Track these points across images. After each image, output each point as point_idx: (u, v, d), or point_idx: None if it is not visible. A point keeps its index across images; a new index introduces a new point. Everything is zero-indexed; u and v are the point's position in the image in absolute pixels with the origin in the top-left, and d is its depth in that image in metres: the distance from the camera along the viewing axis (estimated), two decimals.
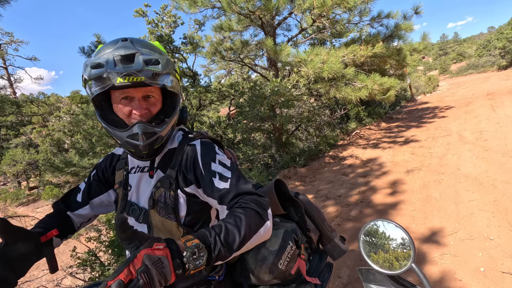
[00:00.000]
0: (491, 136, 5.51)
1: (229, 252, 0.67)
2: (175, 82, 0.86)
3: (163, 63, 0.79)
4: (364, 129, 8.59)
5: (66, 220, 1.00)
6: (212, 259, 0.64)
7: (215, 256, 0.64)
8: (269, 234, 0.79)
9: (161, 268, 0.55)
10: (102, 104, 0.88)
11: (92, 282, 2.62)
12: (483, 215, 2.93)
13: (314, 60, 5.54)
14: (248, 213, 0.73)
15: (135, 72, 0.75)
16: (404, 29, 6.76)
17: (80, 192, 1.05)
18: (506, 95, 9.81)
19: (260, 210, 0.75)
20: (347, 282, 2.38)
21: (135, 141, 0.82)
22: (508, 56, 23.08)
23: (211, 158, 0.87)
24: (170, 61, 0.84)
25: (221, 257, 0.66)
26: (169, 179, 0.88)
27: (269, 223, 0.77)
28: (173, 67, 0.84)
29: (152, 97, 0.85)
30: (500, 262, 2.24)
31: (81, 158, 6.55)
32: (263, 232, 0.75)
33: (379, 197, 3.92)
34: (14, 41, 19.41)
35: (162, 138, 0.87)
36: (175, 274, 0.58)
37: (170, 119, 0.87)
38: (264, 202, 0.78)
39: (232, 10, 5.82)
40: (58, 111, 14.22)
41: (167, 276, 0.56)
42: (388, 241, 0.92)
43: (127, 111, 0.84)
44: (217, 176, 0.83)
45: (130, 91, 0.82)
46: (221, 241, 0.66)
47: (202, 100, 7.57)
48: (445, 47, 52.93)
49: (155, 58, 0.78)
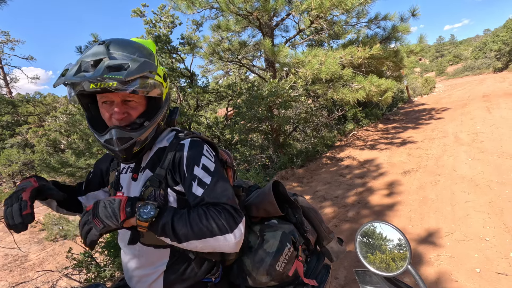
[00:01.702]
0: (487, 137, 5.56)
1: (173, 235, 0.75)
2: (154, 85, 0.82)
3: (132, 68, 0.74)
4: (361, 130, 8.62)
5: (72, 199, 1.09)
6: (159, 225, 0.75)
7: (161, 224, 0.75)
8: (228, 249, 0.79)
9: (112, 204, 0.73)
10: (89, 107, 0.90)
11: (88, 283, 2.60)
12: (479, 216, 2.95)
13: (312, 61, 5.55)
14: (210, 219, 0.77)
15: (98, 79, 0.72)
16: (401, 31, 6.80)
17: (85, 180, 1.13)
18: (502, 97, 9.89)
19: (224, 222, 0.77)
20: (344, 284, 2.39)
21: (111, 146, 0.82)
22: (504, 58, 23.31)
23: (195, 161, 0.86)
24: (148, 63, 0.79)
25: (165, 231, 0.75)
26: (159, 178, 0.87)
27: (223, 239, 0.77)
28: (151, 70, 0.80)
29: (133, 101, 0.84)
30: (495, 263, 2.26)
31: (78, 159, 6.51)
32: (214, 243, 0.77)
33: (376, 198, 3.94)
34: (10, 40, 19.27)
35: (141, 142, 0.85)
36: (125, 213, 0.73)
37: (150, 123, 0.85)
38: (234, 217, 0.79)
39: (230, 11, 5.82)
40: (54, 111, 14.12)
41: (116, 210, 0.72)
42: (385, 242, 0.93)
43: (107, 116, 0.84)
44: (197, 180, 0.83)
45: (108, 96, 0.82)
46: (172, 219, 0.76)
47: (199, 101, 7.56)
48: (442, 49, 53.31)
49: (122, 63, 0.75)
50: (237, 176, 1.24)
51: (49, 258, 4.90)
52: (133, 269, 0.92)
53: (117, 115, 0.82)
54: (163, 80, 0.86)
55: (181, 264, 0.90)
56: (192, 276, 0.90)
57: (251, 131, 6.27)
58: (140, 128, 0.84)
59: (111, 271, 2.65)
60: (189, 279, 0.90)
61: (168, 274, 0.90)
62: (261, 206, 1.08)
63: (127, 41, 0.85)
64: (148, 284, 0.90)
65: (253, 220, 1.11)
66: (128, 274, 0.95)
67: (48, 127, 12.23)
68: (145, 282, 0.91)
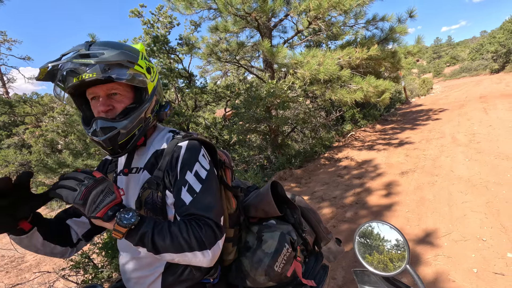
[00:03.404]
0: (483, 138, 5.59)
1: (152, 245, 0.74)
2: (133, 75, 0.83)
3: (106, 55, 0.77)
4: (359, 131, 8.64)
5: (59, 225, 0.95)
6: (138, 233, 0.73)
7: (141, 233, 0.73)
8: (203, 264, 0.79)
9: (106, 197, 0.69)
10: (84, 108, 0.91)
11: (85, 284, 2.59)
12: (476, 217, 2.96)
13: (310, 62, 5.57)
14: (190, 233, 0.76)
15: (67, 63, 0.75)
16: (398, 32, 6.83)
17: None
18: (499, 98, 9.96)
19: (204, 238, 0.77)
20: (342, 284, 2.39)
21: (96, 137, 0.82)
22: (500, 59, 23.48)
23: (189, 166, 0.86)
24: (126, 53, 0.81)
25: (144, 241, 0.73)
26: (157, 180, 0.87)
27: (201, 255, 0.77)
28: (128, 59, 0.81)
29: (118, 94, 0.85)
30: (492, 263, 2.27)
31: (75, 159, 6.48)
32: (191, 257, 0.77)
33: (374, 198, 3.95)
34: (7, 40, 19.17)
35: (126, 133, 0.84)
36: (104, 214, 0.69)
37: (134, 114, 0.85)
38: (215, 233, 0.79)
39: (228, 12, 5.82)
40: (51, 112, 14.05)
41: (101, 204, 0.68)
42: (383, 242, 0.93)
43: (95, 111, 0.85)
44: (187, 186, 0.83)
45: (94, 91, 0.84)
46: (153, 229, 0.74)
47: (198, 101, 7.56)
48: (439, 50, 53.65)
49: (96, 52, 0.77)
50: (235, 177, 1.24)
51: (46, 260, 4.87)
52: (131, 270, 0.92)
53: (102, 107, 0.83)
54: (145, 72, 0.86)
55: (180, 266, 0.90)
56: (191, 277, 0.90)
57: (249, 131, 6.27)
58: (124, 119, 0.84)
59: (109, 272, 2.64)
60: (188, 280, 0.90)
61: (166, 275, 0.89)
62: (259, 207, 1.08)
63: (111, 41, 0.86)
64: (146, 285, 0.90)
65: (251, 220, 1.11)
66: (125, 275, 0.95)
67: (45, 127, 12.16)
68: (143, 284, 0.90)
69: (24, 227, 0.80)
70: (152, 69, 0.91)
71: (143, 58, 0.88)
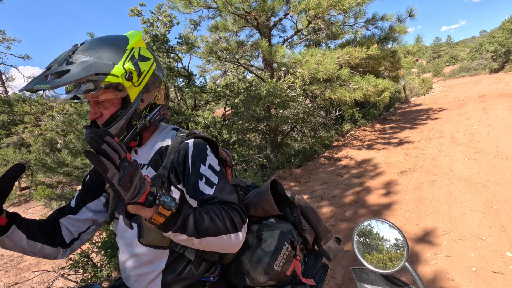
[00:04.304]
0: (483, 138, 5.60)
1: (195, 228, 0.72)
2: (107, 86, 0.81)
3: (70, 74, 0.75)
4: (358, 130, 8.65)
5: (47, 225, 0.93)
6: (179, 217, 0.70)
7: (184, 216, 0.70)
8: (233, 248, 0.81)
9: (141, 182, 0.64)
10: None
11: (84, 283, 2.59)
12: (475, 216, 2.97)
13: (309, 61, 5.56)
14: (224, 216, 0.77)
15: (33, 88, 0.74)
16: (398, 32, 6.83)
17: (74, 198, 1.03)
18: (498, 97, 9.97)
19: (236, 220, 0.79)
20: (341, 283, 2.39)
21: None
22: (500, 59, 23.51)
23: (202, 160, 0.87)
24: (97, 65, 0.79)
25: (186, 224, 0.71)
26: (161, 178, 0.87)
27: (235, 237, 0.79)
28: (97, 72, 0.78)
29: (105, 101, 0.86)
30: (491, 262, 2.27)
31: (74, 158, 6.48)
32: (226, 241, 0.78)
33: (373, 197, 3.95)
34: (6, 39, 19.10)
35: None
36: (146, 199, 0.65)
37: (115, 122, 0.86)
38: (242, 217, 0.82)
39: (227, 11, 5.81)
40: (51, 111, 14.01)
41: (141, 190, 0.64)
42: (382, 240, 0.93)
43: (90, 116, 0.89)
44: (204, 179, 0.84)
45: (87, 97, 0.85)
46: (194, 212, 0.73)
47: (197, 100, 7.55)
48: (439, 50, 53.67)
49: (64, 69, 0.76)
50: (235, 176, 1.24)
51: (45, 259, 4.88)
52: (130, 268, 0.92)
53: (90, 115, 0.87)
54: (123, 80, 0.82)
55: (180, 264, 0.90)
56: (191, 275, 0.90)
57: (248, 131, 6.26)
58: (109, 127, 0.86)
59: (108, 271, 2.64)
60: (188, 278, 0.90)
61: (166, 273, 0.89)
62: (259, 205, 1.07)
63: (100, 39, 0.85)
64: (146, 283, 0.90)
65: (251, 219, 1.11)
66: (125, 273, 0.94)
67: (45, 126, 12.12)
68: (143, 282, 0.90)
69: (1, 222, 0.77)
70: (134, 73, 0.85)
71: (129, 59, 0.84)
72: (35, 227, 0.88)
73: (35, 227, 0.88)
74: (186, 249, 0.89)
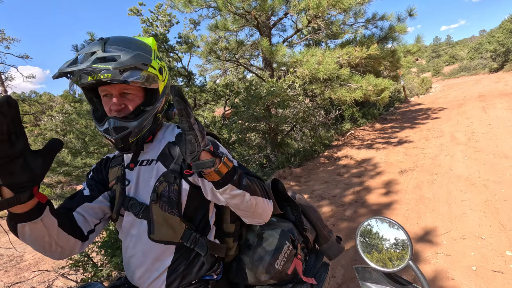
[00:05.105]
0: (482, 137, 5.60)
1: (247, 184, 0.77)
2: (147, 77, 0.84)
3: (123, 59, 0.77)
4: (358, 130, 8.65)
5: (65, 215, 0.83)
6: (236, 172, 0.75)
7: (239, 172, 0.76)
8: (268, 213, 0.86)
9: None
10: (94, 101, 0.92)
11: (84, 283, 2.59)
12: (475, 215, 2.97)
13: (309, 60, 5.56)
14: (258, 183, 0.84)
15: (87, 69, 0.75)
16: (398, 31, 6.83)
17: (85, 188, 0.96)
18: (497, 97, 9.98)
19: (266, 189, 0.86)
20: (341, 282, 2.39)
21: (108, 135, 0.84)
22: (499, 59, 23.54)
23: (216, 145, 0.88)
24: (141, 55, 0.82)
25: (242, 179, 0.76)
26: (174, 173, 0.88)
27: (268, 204, 0.85)
28: (144, 62, 0.82)
29: (130, 94, 0.86)
30: (491, 261, 2.27)
31: (74, 158, 6.45)
32: (266, 204, 0.84)
33: (373, 197, 3.95)
34: (5, 38, 19.07)
35: (136, 132, 0.86)
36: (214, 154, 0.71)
37: (145, 115, 0.86)
38: (268, 188, 0.90)
39: (227, 10, 5.80)
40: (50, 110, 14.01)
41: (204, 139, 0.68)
42: (385, 238, 0.93)
43: (107, 108, 0.86)
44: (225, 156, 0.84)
45: (107, 89, 0.85)
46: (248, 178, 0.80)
47: (197, 100, 7.54)
48: (438, 49, 53.70)
49: (113, 55, 0.78)
50: None
51: (45, 258, 4.86)
52: (135, 265, 0.91)
53: (115, 106, 0.84)
54: (158, 73, 0.87)
55: (185, 261, 0.90)
56: (195, 272, 0.90)
57: (248, 130, 6.26)
58: (136, 119, 0.85)
59: (108, 270, 2.63)
60: (192, 275, 0.90)
61: (171, 270, 0.89)
62: None
63: (125, 37, 0.87)
64: (151, 280, 0.90)
65: None
66: (130, 270, 0.94)
67: (44, 126, 12.13)
68: (148, 279, 0.90)
69: (40, 199, 0.67)
70: (164, 69, 0.92)
71: (156, 58, 0.88)
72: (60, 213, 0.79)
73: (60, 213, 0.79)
74: (197, 244, 0.89)
